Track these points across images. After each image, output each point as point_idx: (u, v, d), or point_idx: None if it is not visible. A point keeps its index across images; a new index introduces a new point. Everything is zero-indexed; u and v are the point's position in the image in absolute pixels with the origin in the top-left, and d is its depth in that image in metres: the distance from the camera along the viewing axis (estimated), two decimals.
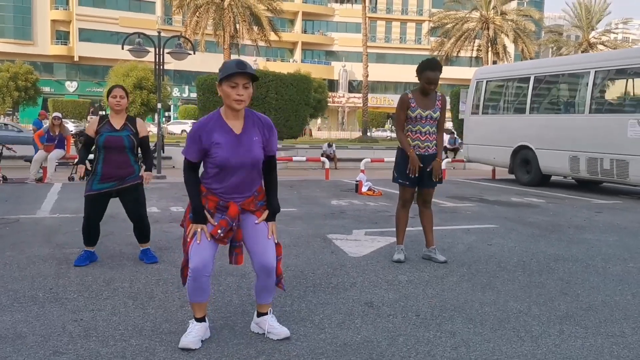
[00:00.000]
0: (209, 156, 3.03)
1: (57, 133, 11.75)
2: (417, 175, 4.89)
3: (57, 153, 11.73)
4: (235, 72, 2.92)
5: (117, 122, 4.76)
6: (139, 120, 4.91)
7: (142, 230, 4.94)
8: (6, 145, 13.27)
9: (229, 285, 4.21)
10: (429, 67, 4.78)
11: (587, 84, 11.09)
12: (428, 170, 4.94)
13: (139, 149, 4.90)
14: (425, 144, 4.93)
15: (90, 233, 4.83)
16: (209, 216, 3.06)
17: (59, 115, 12.23)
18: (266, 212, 3.17)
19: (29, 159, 12.46)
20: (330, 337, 3.25)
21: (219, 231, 3.02)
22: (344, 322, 3.49)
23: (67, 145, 11.97)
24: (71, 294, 3.94)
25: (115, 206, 5.04)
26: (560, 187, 12.30)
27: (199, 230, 3.01)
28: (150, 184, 5.16)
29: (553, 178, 12.86)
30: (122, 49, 14.08)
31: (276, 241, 3.17)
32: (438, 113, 4.93)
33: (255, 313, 3.31)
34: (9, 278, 4.31)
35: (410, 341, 3.21)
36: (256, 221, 3.14)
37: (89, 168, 4.85)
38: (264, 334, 3.20)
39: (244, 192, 3.11)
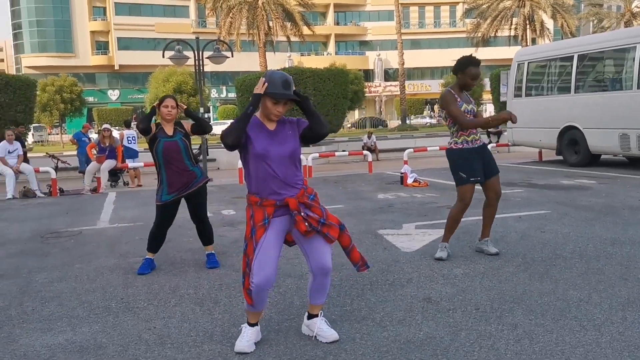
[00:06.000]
0: (247, 152, 3.12)
1: (107, 144, 12.17)
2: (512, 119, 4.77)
3: (108, 163, 12.16)
4: (281, 94, 3.04)
5: (169, 129, 5.06)
6: (183, 122, 5.23)
7: (204, 232, 5.17)
8: (60, 159, 13.83)
9: (289, 287, 4.34)
10: (472, 63, 4.76)
11: (634, 58, 10.79)
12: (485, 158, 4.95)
13: (196, 127, 5.13)
14: (477, 136, 4.94)
15: (158, 239, 5.10)
16: (264, 225, 3.12)
17: (109, 126, 12.65)
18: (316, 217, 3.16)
19: (82, 171, 12.95)
20: (393, 334, 3.33)
21: (306, 224, 3.09)
22: (405, 319, 3.57)
23: (118, 155, 12.38)
24: (141, 303, 4.15)
25: None
26: (610, 166, 12.01)
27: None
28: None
29: (602, 157, 12.56)
30: (163, 57, 14.42)
31: (338, 226, 3.22)
32: (475, 108, 4.96)
33: (306, 315, 3.39)
34: (82, 290, 4.55)
35: (472, 335, 3.26)
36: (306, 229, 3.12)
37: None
38: (314, 336, 3.28)
39: (290, 184, 3.14)
